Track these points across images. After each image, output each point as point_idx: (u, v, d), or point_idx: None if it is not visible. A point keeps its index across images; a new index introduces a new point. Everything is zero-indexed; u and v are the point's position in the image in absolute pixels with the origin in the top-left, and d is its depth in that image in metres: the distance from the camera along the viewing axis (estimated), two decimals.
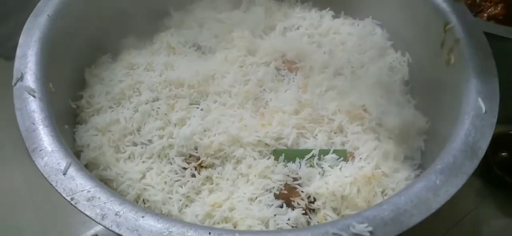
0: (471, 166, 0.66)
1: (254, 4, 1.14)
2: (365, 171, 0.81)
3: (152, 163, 0.84)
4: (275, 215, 0.76)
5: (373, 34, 1.07)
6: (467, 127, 0.71)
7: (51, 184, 0.64)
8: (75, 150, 0.85)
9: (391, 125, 0.88)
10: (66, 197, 0.63)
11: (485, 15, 1.15)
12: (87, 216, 0.61)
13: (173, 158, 0.84)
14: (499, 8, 1.17)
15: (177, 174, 0.82)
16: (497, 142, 0.93)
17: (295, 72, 0.99)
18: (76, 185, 0.64)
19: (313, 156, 0.84)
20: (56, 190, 0.64)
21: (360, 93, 0.92)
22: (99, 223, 0.60)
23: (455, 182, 0.64)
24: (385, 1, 1.05)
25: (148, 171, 0.83)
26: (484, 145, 0.68)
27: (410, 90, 1.00)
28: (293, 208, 0.78)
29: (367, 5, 1.10)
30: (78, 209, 0.62)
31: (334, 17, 1.12)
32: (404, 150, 0.88)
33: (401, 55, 1.03)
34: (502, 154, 1.06)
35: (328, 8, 1.12)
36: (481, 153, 0.67)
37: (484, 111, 0.72)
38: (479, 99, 0.74)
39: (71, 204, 0.62)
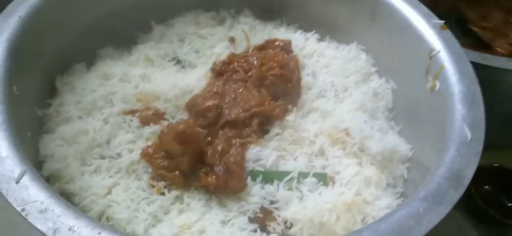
0: (456, 194, 0.63)
1: (238, 22, 1.11)
2: (345, 197, 0.77)
3: (119, 178, 0.79)
4: None
5: (357, 59, 1.04)
6: (452, 154, 0.68)
7: (1, 192, 0.58)
8: (37, 161, 0.79)
9: (374, 150, 0.85)
10: (17, 208, 0.57)
11: None
12: (38, 229, 0.55)
13: (141, 175, 0.79)
14: None
15: (144, 191, 0.77)
16: (479, 175, 0.91)
17: None
18: (29, 195, 0.59)
19: (292, 178, 0.80)
20: (7, 200, 0.58)
21: (343, 117, 0.90)
22: None
23: (439, 211, 0.61)
24: (371, 27, 1.04)
25: (115, 186, 0.78)
26: (469, 173, 0.65)
27: (394, 116, 0.97)
28: (268, 233, 0.74)
29: (353, 30, 1.08)
30: (28, 221, 0.56)
31: (319, 40, 1.10)
32: (386, 177, 0.85)
33: (385, 81, 1.01)
34: (485, 187, 1.04)
35: (314, 31, 1.10)
36: (466, 181, 0.64)
37: (469, 139, 0.70)
38: (465, 126, 0.71)
39: (22, 215, 0.56)
